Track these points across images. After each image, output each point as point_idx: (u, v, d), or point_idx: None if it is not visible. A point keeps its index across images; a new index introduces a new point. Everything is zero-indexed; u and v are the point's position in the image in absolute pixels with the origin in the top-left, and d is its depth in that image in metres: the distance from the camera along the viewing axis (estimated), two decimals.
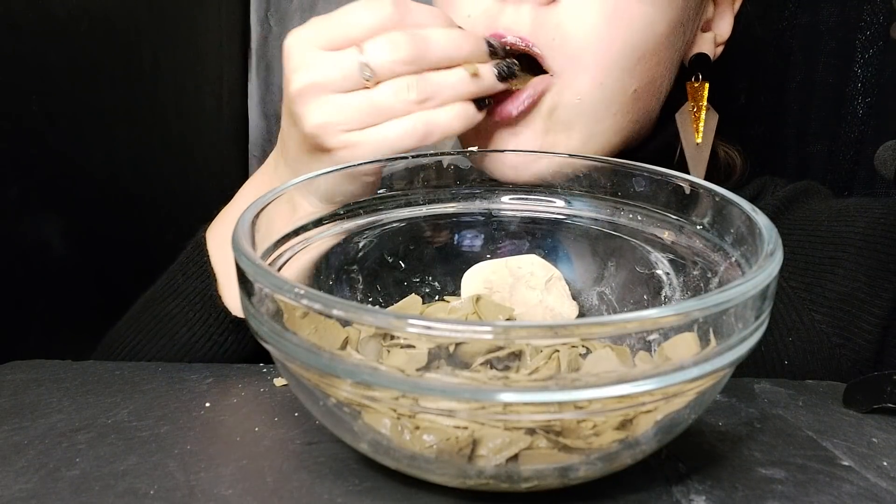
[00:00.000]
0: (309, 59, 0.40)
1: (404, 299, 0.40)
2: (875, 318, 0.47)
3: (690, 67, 0.52)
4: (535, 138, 0.45)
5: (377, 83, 0.40)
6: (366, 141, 0.40)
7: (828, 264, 0.49)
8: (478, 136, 0.45)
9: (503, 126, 0.45)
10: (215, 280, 0.47)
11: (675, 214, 0.37)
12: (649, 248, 0.38)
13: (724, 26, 0.54)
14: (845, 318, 0.48)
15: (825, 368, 0.48)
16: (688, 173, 0.40)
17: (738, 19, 0.55)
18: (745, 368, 0.41)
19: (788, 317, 0.49)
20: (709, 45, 0.53)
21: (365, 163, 0.39)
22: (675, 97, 0.52)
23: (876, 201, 0.51)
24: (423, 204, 0.41)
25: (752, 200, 0.34)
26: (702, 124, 0.51)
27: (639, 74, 0.46)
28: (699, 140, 0.51)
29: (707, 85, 0.51)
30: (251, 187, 0.49)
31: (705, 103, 0.51)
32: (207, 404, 0.36)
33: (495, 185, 0.42)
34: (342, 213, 0.39)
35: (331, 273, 0.39)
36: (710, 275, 0.35)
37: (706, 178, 0.43)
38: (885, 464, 0.30)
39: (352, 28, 0.40)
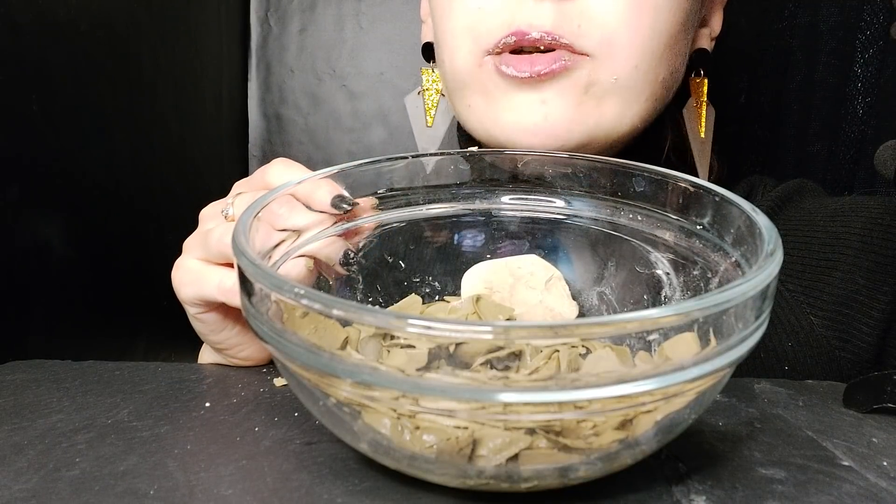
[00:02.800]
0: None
1: (404, 299, 0.40)
2: (874, 321, 0.47)
3: (692, 63, 0.52)
4: (567, 109, 0.44)
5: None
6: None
7: (825, 266, 0.49)
8: (510, 102, 0.45)
9: (534, 91, 0.44)
10: None
11: (675, 214, 0.37)
12: (649, 248, 0.38)
13: (716, 21, 0.54)
14: (844, 320, 0.48)
15: (826, 372, 0.48)
16: (679, 168, 0.40)
17: (726, 14, 0.55)
18: (745, 374, 0.41)
19: (787, 320, 0.49)
20: (706, 40, 0.54)
21: (364, 161, 0.39)
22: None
23: (871, 199, 0.51)
24: (423, 204, 0.41)
25: None
26: (703, 119, 0.51)
27: (666, 62, 0.47)
28: (703, 134, 0.51)
29: (706, 81, 0.52)
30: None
31: (705, 98, 0.52)
32: (207, 404, 0.36)
33: (495, 185, 0.42)
34: (342, 213, 0.38)
35: (330, 264, 0.39)
36: (710, 275, 0.35)
37: None
38: (885, 464, 0.30)
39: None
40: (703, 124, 0.52)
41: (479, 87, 0.46)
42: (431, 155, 0.41)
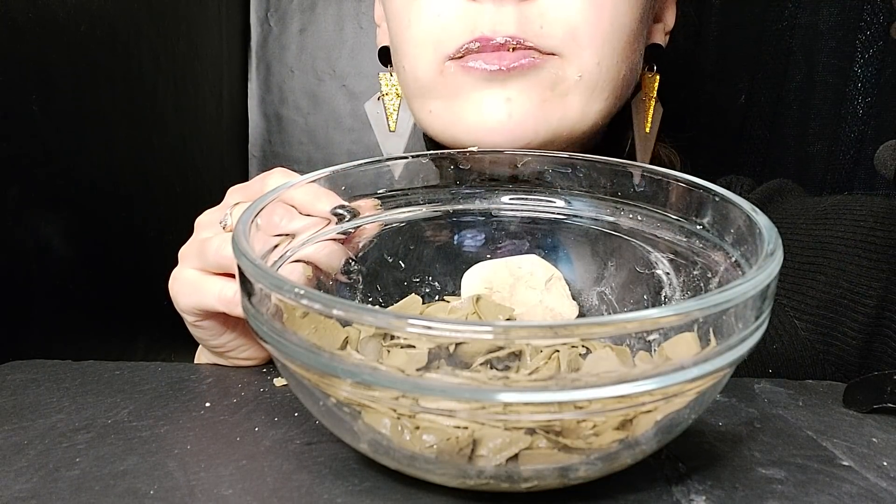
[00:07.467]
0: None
1: (404, 299, 0.40)
2: (859, 325, 0.47)
3: (646, 58, 0.52)
4: (531, 106, 0.44)
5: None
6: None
7: (809, 270, 0.48)
8: (474, 102, 0.44)
9: (500, 88, 0.44)
10: None
11: (674, 214, 0.37)
12: (649, 248, 0.38)
13: (669, 16, 0.54)
14: (828, 324, 0.48)
15: (810, 375, 0.47)
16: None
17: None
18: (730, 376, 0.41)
19: (770, 324, 0.48)
20: (660, 35, 0.54)
21: (364, 161, 0.39)
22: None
23: (854, 200, 0.50)
24: (423, 204, 0.41)
25: None
26: (651, 114, 0.51)
27: (626, 58, 0.47)
28: (648, 130, 0.51)
29: (658, 77, 0.52)
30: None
31: (655, 95, 0.52)
32: (207, 404, 0.36)
33: (495, 185, 0.42)
34: (342, 213, 0.39)
35: (331, 273, 0.39)
36: (710, 275, 0.35)
37: None
38: (885, 464, 0.30)
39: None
40: (650, 120, 0.52)
41: (443, 92, 0.46)
42: (431, 155, 0.41)
